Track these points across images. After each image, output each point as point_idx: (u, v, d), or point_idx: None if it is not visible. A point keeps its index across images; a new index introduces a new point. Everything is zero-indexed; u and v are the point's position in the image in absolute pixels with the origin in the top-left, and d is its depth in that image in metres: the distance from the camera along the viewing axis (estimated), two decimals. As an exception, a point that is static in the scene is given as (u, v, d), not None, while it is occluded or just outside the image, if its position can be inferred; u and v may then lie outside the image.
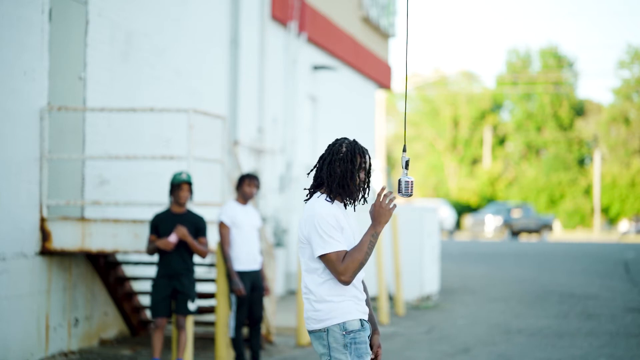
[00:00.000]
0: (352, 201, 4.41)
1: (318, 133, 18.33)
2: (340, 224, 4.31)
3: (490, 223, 45.54)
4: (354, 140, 4.43)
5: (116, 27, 10.42)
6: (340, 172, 4.34)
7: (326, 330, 4.30)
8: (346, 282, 4.25)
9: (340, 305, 4.30)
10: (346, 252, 4.27)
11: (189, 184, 8.30)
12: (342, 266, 4.24)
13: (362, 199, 4.43)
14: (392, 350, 10.54)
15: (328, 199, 4.36)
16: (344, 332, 4.30)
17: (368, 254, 4.27)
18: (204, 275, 11.22)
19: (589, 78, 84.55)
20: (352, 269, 4.24)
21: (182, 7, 12.18)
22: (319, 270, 4.32)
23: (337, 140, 4.42)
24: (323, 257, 4.27)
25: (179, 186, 8.28)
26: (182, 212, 8.36)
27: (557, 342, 11.24)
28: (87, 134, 9.83)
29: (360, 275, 4.40)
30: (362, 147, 4.40)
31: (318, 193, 4.41)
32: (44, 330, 9.13)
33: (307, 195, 4.44)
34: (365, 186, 4.41)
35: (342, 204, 4.40)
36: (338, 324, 4.29)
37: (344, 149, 4.37)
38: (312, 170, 4.47)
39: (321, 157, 4.42)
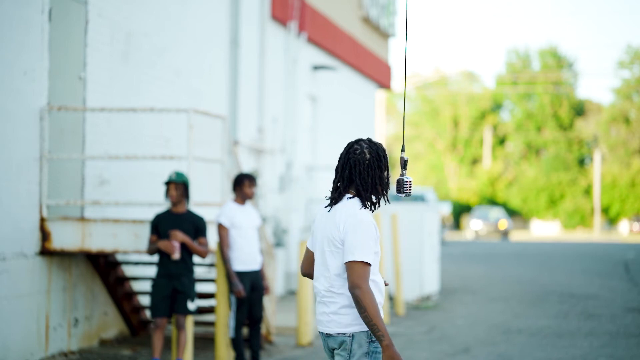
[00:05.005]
0: (381, 202, 4.37)
1: (318, 133, 18.33)
2: (377, 233, 4.25)
3: None
4: (369, 140, 4.34)
5: (116, 27, 10.42)
6: (371, 180, 4.28)
7: (352, 335, 4.21)
8: (352, 293, 4.12)
9: None
10: (370, 268, 4.17)
11: (177, 183, 8.30)
12: (365, 287, 4.11)
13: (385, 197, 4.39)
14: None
15: (366, 206, 4.28)
16: (370, 340, 4.21)
17: (365, 316, 4.10)
18: (203, 275, 11.22)
19: (589, 78, 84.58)
20: (366, 300, 4.09)
21: (182, 7, 12.17)
22: None
23: (354, 144, 4.31)
24: (351, 263, 4.15)
25: (168, 185, 8.32)
26: (182, 212, 8.36)
27: (557, 342, 11.24)
28: (87, 134, 9.83)
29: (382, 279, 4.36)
30: (381, 146, 4.34)
31: (350, 197, 4.30)
32: (44, 330, 9.13)
33: (331, 200, 4.32)
34: (389, 184, 4.38)
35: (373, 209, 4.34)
36: (366, 331, 4.20)
37: (368, 155, 4.28)
38: (338, 181, 4.33)
39: (343, 165, 4.30)
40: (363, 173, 4.27)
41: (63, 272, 9.44)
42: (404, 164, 4.45)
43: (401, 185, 4.44)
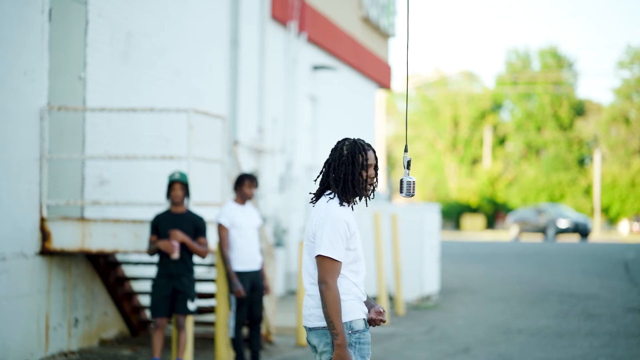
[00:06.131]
0: (360, 199, 4.42)
1: (318, 133, 18.33)
2: (351, 229, 4.31)
3: None
4: (353, 140, 4.42)
5: (116, 27, 10.42)
6: (343, 175, 4.36)
7: None
8: (320, 290, 4.23)
9: (346, 304, 4.30)
10: (340, 265, 4.26)
11: (182, 183, 8.30)
12: (330, 283, 4.22)
13: (371, 194, 4.44)
14: (392, 350, 10.54)
15: (340, 202, 4.35)
16: (350, 331, 4.29)
17: (324, 312, 4.21)
18: (203, 275, 11.21)
19: (589, 78, 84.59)
20: (329, 297, 4.20)
21: (182, 7, 12.17)
22: None
23: (339, 142, 4.42)
24: (319, 258, 4.26)
25: (172, 186, 8.31)
26: (182, 212, 8.35)
27: (557, 342, 11.24)
28: (87, 134, 9.83)
29: (363, 276, 4.41)
30: (362, 145, 4.39)
31: (328, 193, 4.40)
32: (44, 330, 9.13)
33: (313, 198, 4.44)
34: (373, 182, 4.41)
35: (351, 206, 4.41)
36: (345, 323, 4.28)
37: (345, 152, 4.38)
38: (318, 176, 4.47)
39: (326, 162, 4.43)
40: (337, 169, 4.37)
41: (63, 272, 9.44)
42: (407, 164, 4.47)
43: (403, 186, 4.45)
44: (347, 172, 4.35)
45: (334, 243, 4.25)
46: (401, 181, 4.46)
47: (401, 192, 4.48)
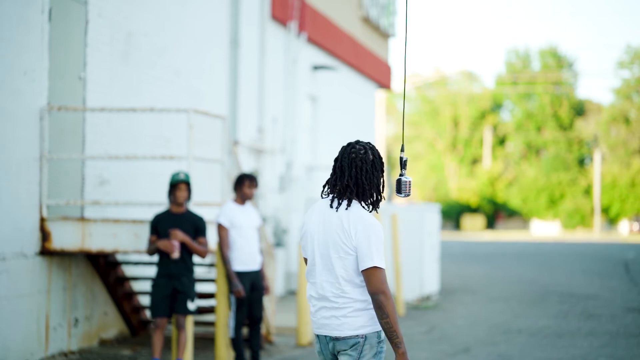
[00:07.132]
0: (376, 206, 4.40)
1: (318, 133, 18.33)
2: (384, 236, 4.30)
3: None
4: (368, 143, 4.36)
5: (116, 27, 10.42)
6: (376, 179, 4.32)
7: (364, 337, 4.26)
8: (374, 298, 4.18)
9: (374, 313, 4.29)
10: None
11: (187, 183, 8.29)
12: (388, 293, 4.18)
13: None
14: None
15: (366, 207, 4.32)
16: (379, 340, 4.28)
17: (386, 322, 4.17)
18: (203, 275, 11.22)
19: (589, 78, 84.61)
20: (389, 307, 4.17)
21: (182, 7, 12.18)
22: None
23: (354, 146, 4.31)
24: (373, 269, 4.19)
25: (177, 186, 8.28)
26: (182, 212, 8.35)
27: (557, 342, 11.24)
28: (87, 134, 9.83)
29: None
30: (377, 148, 4.41)
31: (352, 201, 4.30)
32: (44, 330, 9.13)
33: (336, 203, 4.31)
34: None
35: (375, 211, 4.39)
36: (376, 332, 4.27)
37: (371, 156, 4.31)
38: (338, 181, 4.32)
39: (349, 165, 4.29)
40: (369, 172, 4.30)
41: (63, 272, 9.44)
42: (403, 164, 4.46)
43: (400, 185, 4.44)
44: (379, 177, 4.32)
45: (380, 252, 4.22)
46: (398, 181, 4.45)
47: (398, 191, 4.46)
